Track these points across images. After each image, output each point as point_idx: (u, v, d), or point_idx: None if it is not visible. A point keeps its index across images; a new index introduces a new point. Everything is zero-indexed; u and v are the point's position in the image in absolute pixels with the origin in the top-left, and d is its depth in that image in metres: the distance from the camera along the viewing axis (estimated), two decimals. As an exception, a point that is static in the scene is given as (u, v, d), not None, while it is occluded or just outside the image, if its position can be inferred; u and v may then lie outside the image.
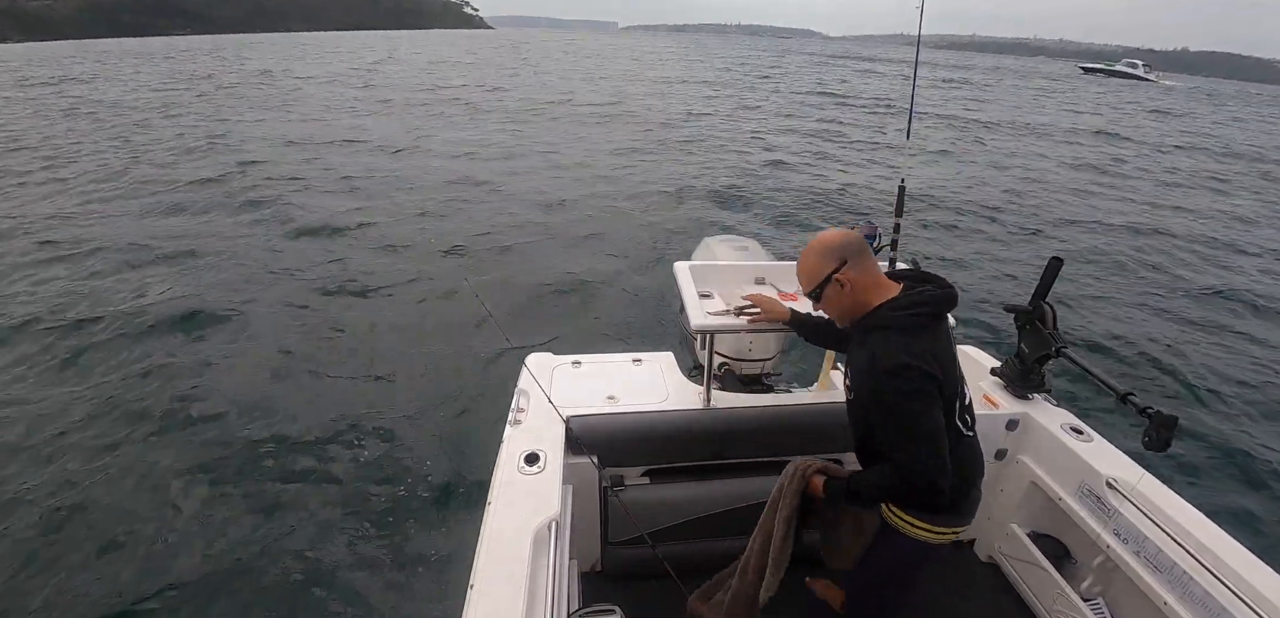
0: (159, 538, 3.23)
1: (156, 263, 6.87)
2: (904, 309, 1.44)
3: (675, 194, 10.48)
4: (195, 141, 13.62)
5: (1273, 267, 8.75)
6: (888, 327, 1.44)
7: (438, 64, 38.73)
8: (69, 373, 4.72)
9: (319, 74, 30.27)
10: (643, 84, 29.07)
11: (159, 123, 16.18)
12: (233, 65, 34.92)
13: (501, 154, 12.73)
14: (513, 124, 17.33)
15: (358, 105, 19.97)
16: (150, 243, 7.40)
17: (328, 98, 21.68)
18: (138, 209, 8.87)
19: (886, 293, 1.49)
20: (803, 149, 15.13)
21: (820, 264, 1.50)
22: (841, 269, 1.48)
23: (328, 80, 27.22)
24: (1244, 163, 18.13)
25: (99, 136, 14.30)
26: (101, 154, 12.47)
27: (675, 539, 2.13)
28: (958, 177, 12.90)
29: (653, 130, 16.67)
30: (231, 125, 15.79)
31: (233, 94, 22.30)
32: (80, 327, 5.37)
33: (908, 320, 1.43)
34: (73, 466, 3.72)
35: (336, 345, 5.21)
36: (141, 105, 19.18)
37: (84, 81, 25.96)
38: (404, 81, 27.97)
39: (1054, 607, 2.08)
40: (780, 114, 21.78)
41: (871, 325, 1.47)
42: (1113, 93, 45.34)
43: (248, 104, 19.89)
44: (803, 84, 34.85)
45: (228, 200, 9.29)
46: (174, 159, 12.03)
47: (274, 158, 12.08)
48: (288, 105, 19.59)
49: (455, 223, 8.58)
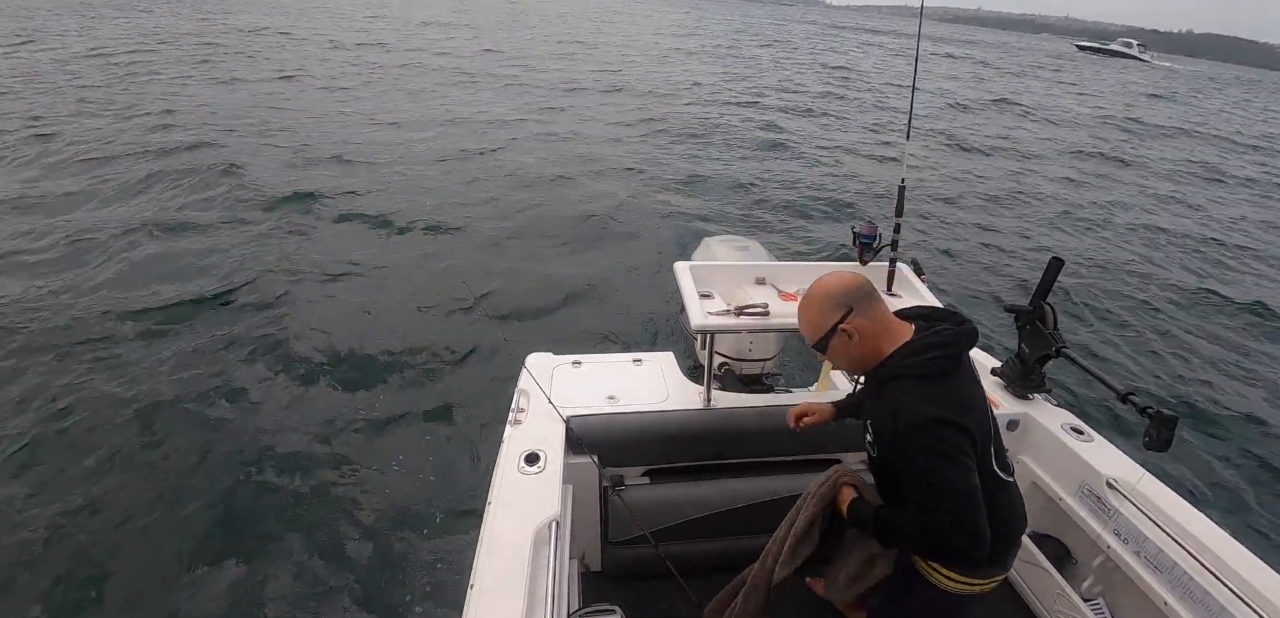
0: (152, 537, 3.23)
1: (137, 250, 6.76)
2: (921, 355, 1.32)
3: (678, 187, 10.48)
4: (161, 117, 12.30)
5: (1271, 267, 8.75)
6: (905, 376, 1.32)
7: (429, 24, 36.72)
8: (44, 374, 4.69)
9: (304, 32, 28.05)
10: (643, 61, 28.39)
11: (129, 92, 14.40)
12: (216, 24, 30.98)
13: (497, 143, 12.55)
14: (508, 101, 16.82)
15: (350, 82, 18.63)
16: (134, 228, 7.28)
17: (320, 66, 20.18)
18: (113, 190, 8.61)
19: (899, 337, 1.36)
20: (807, 136, 15.09)
21: (823, 316, 1.37)
22: (848, 318, 1.34)
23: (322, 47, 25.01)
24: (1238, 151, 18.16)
25: (49, 100, 13.06)
26: (61, 121, 11.42)
27: (675, 539, 2.13)
28: (958, 177, 12.89)
29: (654, 119, 16.52)
30: (213, 101, 14.21)
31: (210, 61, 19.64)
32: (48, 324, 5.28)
33: (927, 365, 1.31)
34: (61, 461, 3.72)
35: (333, 345, 5.20)
36: (110, 78, 16.11)
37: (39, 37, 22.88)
38: (398, 44, 26.70)
39: (1054, 607, 2.08)
40: (785, 92, 21.61)
41: (887, 376, 1.35)
42: (1114, 73, 45.15)
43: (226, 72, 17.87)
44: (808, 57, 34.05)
45: (211, 188, 9.01)
46: (146, 135, 11.06)
47: (262, 142, 11.63)
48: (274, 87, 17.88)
49: (454, 221, 8.57)
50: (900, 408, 1.29)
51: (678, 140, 13.90)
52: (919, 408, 1.27)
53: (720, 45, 37.99)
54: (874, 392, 1.40)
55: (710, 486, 2.19)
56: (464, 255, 7.40)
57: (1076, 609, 1.98)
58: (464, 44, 28.38)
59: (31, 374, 4.54)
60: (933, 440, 1.25)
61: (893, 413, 1.30)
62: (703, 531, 2.19)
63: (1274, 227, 11.19)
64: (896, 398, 1.30)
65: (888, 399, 1.32)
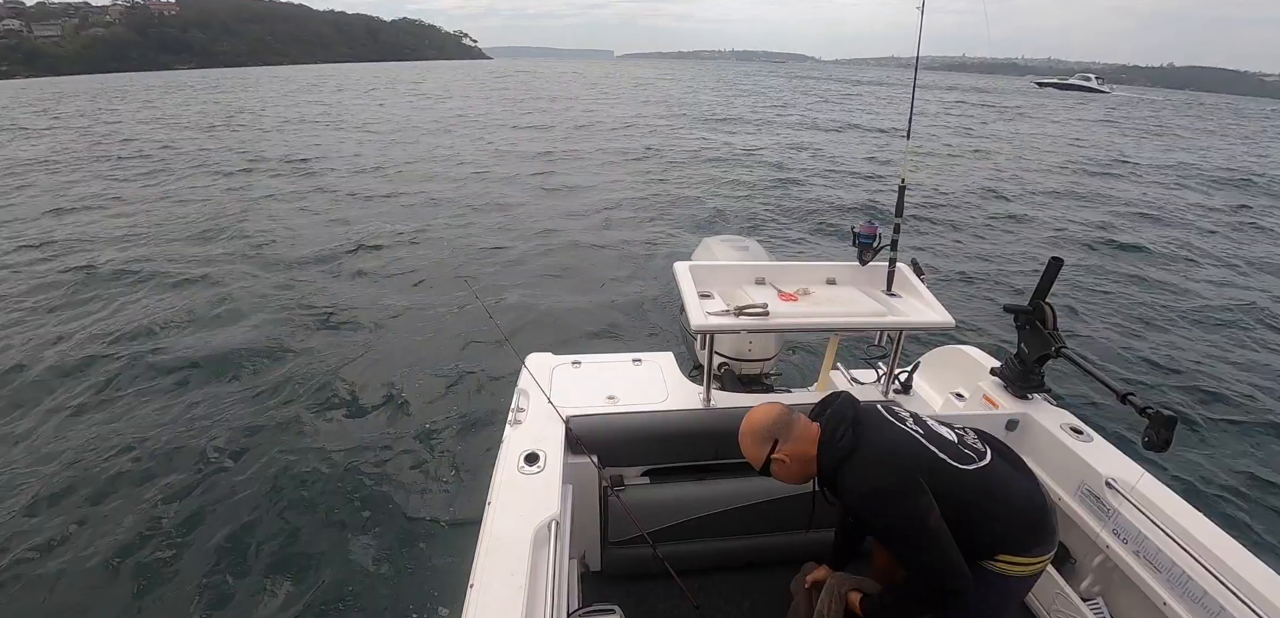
0: (150, 536, 3.23)
1: (152, 278, 6.86)
2: (833, 444, 1.47)
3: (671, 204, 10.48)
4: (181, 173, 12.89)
5: (1267, 265, 8.76)
6: (835, 467, 1.47)
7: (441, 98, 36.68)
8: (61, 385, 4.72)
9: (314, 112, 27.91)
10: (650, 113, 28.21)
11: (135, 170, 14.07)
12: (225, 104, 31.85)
13: (502, 178, 12.61)
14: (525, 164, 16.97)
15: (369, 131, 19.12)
16: (144, 261, 7.37)
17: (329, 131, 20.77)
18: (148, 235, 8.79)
19: (815, 439, 1.52)
20: (809, 149, 15.11)
21: (758, 449, 1.55)
22: (776, 448, 1.52)
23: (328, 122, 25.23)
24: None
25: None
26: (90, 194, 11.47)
27: (675, 539, 2.13)
28: (958, 177, 12.89)
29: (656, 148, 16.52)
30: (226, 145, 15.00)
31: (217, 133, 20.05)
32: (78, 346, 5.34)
33: (841, 449, 1.46)
34: (71, 460, 3.72)
35: (335, 348, 5.21)
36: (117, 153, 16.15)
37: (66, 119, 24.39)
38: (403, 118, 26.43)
39: (1054, 607, 2.08)
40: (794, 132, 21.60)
41: (826, 478, 1.51)
42: (1066, 110, 43.95)
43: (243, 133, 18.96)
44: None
45: (219, 216, 9.16)
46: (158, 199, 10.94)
47: (271, 167, 11.93)
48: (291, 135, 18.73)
49: (454, 223, 8.58)
50: (848, 495, 1.46)
51: (674, 165, 13.92)
52: (856, 488, 1.43)
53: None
54: (830, 491, 1.54)
55: (710, 486, 2.19)
56: (464, 256, 7.41)
57: (1076, 609, 1.98)
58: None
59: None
60: (881, 504, 1.39)
61: (847, 504, 1.49)
62: (702, 531, 2.18)
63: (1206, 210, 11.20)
64: (842, 488, 1.47)
65: (840, 489, 1.48)
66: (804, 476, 1.56)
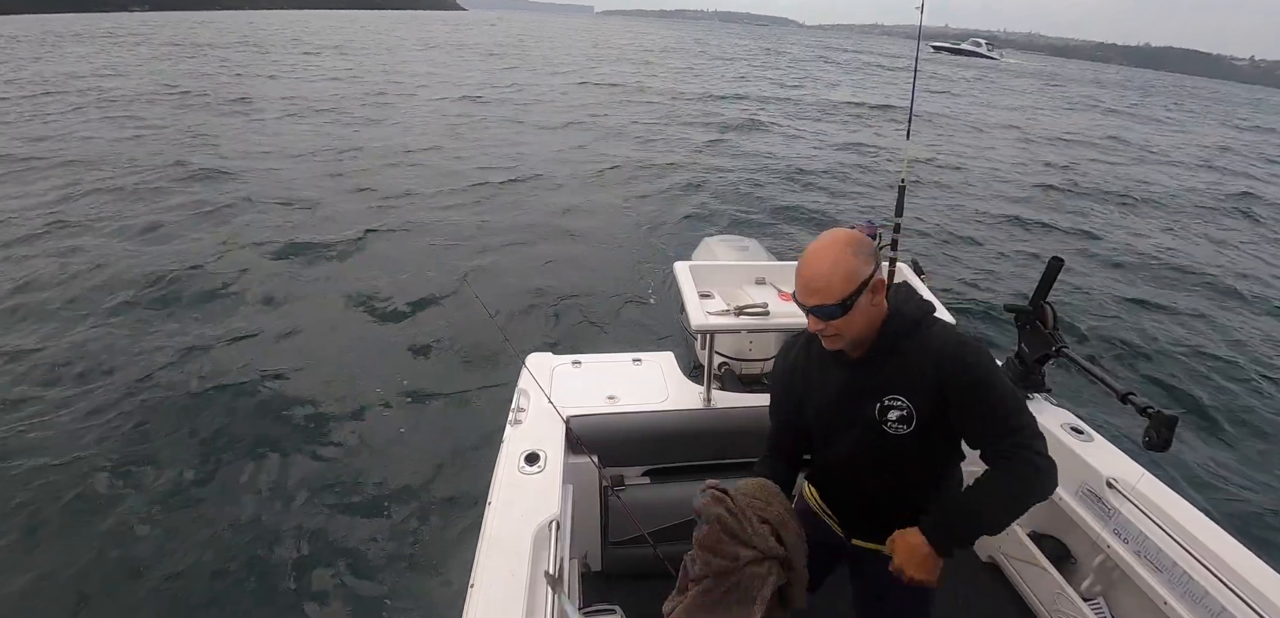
0: (148, 535, 3.22)
1: (143, 252, 6.84)
2: (908, 305, 1.31)
3: (676, 194, 10.48)
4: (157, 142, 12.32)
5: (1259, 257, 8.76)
6: (912, 325, 1.29)
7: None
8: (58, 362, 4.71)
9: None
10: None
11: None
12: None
13: (501, 160, 12.64)
14: (512, 122, 17.16)
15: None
16: (137, 241, 7.36)
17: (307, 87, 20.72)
18: (128, 212, 8.77)
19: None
20: (803, 147, 15.12)
21: (858, 265, 1.21)
22: (877, 272, 1.25)
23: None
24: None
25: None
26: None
27: (676, 539, 2.13)
28: (958, 177, 12.89)
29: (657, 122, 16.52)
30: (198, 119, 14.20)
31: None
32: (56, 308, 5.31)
33: (917, 312, 1.31)
34: (66, 444, 3.72)
35: (334, 347, 5.20)
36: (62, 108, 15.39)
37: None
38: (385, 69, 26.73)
39: (1054, 607, 2.08)
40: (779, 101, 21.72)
41: (899, 332, 1.29)
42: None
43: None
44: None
45: (206, 198, 9.07)
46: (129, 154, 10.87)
47: (253, 151, 11.79)
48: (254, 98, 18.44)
49: (454, 224, 8.57)
50: (926, 355, 1.25)
51: (675, 147, 13.92)
52: (938, 345, 1.25)
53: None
54: (885, 353, 1.30)
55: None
56: (464, 257, 7.40)
57: (1076, 609, 1.98)
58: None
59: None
60: (970, 353, 1.23)
61: (938, 349, 1.24)
62: None
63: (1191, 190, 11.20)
64: (916, 350, 1.26)
65: (920, 343, 1.27)
66: (866, 331, 1.28)
